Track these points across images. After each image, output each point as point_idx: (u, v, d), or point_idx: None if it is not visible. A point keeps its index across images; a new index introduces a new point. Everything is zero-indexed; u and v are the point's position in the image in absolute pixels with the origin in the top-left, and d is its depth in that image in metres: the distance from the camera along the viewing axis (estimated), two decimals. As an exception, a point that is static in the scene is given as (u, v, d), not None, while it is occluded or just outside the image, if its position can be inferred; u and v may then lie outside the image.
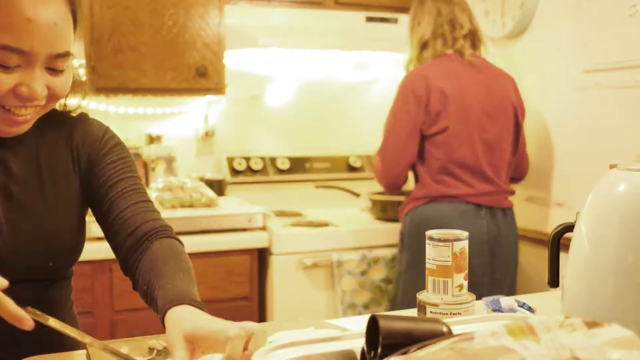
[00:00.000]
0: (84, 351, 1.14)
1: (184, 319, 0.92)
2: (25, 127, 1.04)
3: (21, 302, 0.89)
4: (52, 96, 1.02)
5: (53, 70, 1.00)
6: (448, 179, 2.27)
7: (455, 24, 2.33)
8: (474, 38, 2.36)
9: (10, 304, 0.84)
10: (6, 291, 0.89)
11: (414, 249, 2.30)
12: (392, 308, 2.45)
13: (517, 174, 2.47)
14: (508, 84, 2.36)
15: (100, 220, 1.16)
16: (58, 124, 1.16)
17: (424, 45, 2.35)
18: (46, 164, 1.12)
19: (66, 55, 1.01)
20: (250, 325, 0.88)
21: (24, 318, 0.85)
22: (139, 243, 1.11)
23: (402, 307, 1.86)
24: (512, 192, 2.37)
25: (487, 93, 2.30)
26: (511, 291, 2.31)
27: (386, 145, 2.34)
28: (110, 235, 1.14)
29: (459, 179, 2.26)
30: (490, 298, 1.32)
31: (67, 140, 1.15)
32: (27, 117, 1.01)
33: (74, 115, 1.19)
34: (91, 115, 1.24)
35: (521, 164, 2.45)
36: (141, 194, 1.14)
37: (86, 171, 1.15)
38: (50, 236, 1.10)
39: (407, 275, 2.33)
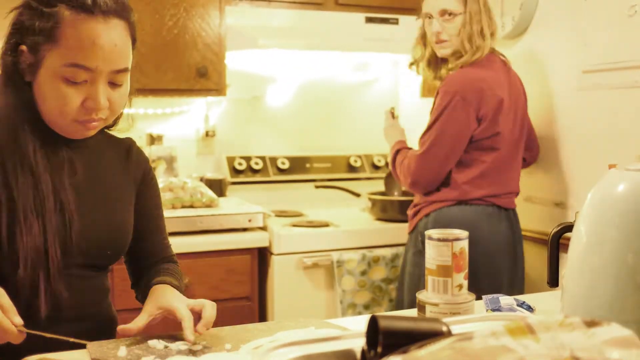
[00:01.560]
0: (85, 351, 1.14)
1: (159, 292, 1.26)
2: (92, 132, 1.23)
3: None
4: (112, 108, 1.20)
5: (113, 84, 1.20)
6: (479, 181, 2.21)
7: (491, 20, 2.25)
8: (494, 37, 2.30)
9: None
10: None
11: None
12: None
13: (530, 157, 2.46)
14: (517, 76, 2.34)
15: (136, 234, 1.38)
16: (114, 142, 1.38)
17: (482, 41, 2.21)
18: (108, 169, 1.33)
19: (125, 70, 1.22)
20: (199, 304, 1.22)
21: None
22: (154, 266, 1.41)
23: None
24: (518, 193, 2.34)
25: (517, 94, 2.28)
26: (521, 293, 2.30)
27: (429, 151, 2.21)
28: (136, 253, 1.40)
29: (492, 181, 2.22)
30: (490, 296, 1.33)
31: (126, 157, 1.37)
32: (95, 125, 1.21)
33: (121, 137, 1.41)
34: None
35: (532, 146, 2.44)
36: (165, 231, 1.47)
37: (137, 190, 1.38)
38: (113, 227, 1.30)
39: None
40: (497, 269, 2.21)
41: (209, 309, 1.20)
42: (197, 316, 1.19)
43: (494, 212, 2.23)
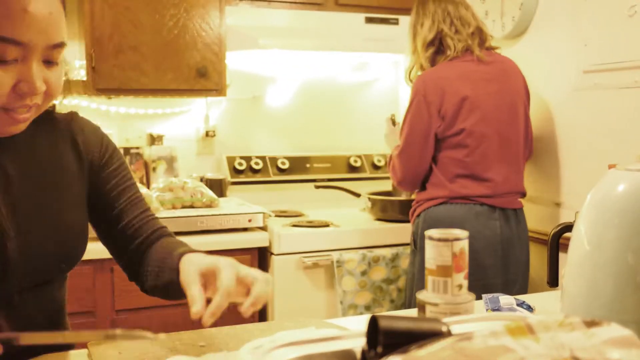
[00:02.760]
0: (85, 351, 1.14)
1: (197, 259, 1.07)
2: (23, 127, 1.01)
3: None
4: (49, 92, 1.00)
5: (49, 63, 0.98)
6: (463, 180, 2.25)
7: (463, 22, 2.31)
8: (481, 34, 2.34)
9: None
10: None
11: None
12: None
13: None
14: (517, 75, 2.35)
15: (106, 222, 1.20)
16: (52, 124, 1.14)
17: (429, 46, 2.31)
18: (49, 165, 1.11)
19: (62, 45, 0.98)
20: (252, 274, 1.04)
21: None
22: (146, 244, 1.21)
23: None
24: (524, 193, 2.35)
25: (500, 90, 2.28)
26: (522, 293, 2.30)
27: (404, 150, 2.32)
28: (118, 238, 1.21)
29: (475, 180, 2.24)
30: (490, 296, 1.32)
31: (71, 142, 1.15)
32: (27, 116, 0.99)
33: (62, 112, 1.18)
34: (92, 115, 1.26)
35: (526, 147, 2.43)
36: (144, 202, 1.24)
37: (91, 175, 1.17)
38: (63, 237, 1.10)
39: (420, 276, 2.31)
40: (483, 269, 2.21)
41: (261, 284, 1.01)
42: (246, 290, 1.00)
43: (484, 211, 2.23)
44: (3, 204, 1.03)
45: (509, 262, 2.27)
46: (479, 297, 1.33)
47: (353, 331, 0.91)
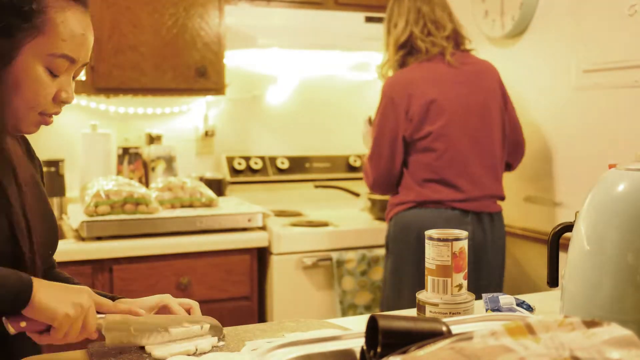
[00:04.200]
0: (84, 351, 1.14)
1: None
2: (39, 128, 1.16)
3: None
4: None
5: (73, 77, 1.15)
6: (433, 184, 2.22)
7: (437, 24, 2.28)
8: (457, 37, 2.31)
9: None
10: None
11: (396, 254, 2.26)
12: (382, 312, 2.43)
13: (512, 159, 2.39)
14: (491, 76, 2.31)
15: None
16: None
17: (400, 48, 2.29)
18: (27, 165, 1.23)
19: (87, 63, 1.18)
20: None
21: None
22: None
23: (389, 311, 1.85)
24: (502, 197, 2.30)
25: (471, 93, 2.25)
26: None
27: (374, 152, 2.30)
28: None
29: (445, 184, 2.21)
30: (489, 295, 1.32)
31: (27, 148, 1.27)
32: (52, 120, 1.15)
33: None
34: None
35: (515, 148, 2.38)
36: None
37: (40, 176, 1.30)
38: (51, 226, 1.23)
39: (391, 280, 2.29)
40: None
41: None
42: None
43: (455, 216, 2.19)
44: (18, 202, 1.13)
45: (481, 267, 2.23)
46: (478, 297, 1.33)
47: (353, 331, 0.91)
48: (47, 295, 1.00)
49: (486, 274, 2.24)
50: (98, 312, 1.08)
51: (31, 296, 0.99)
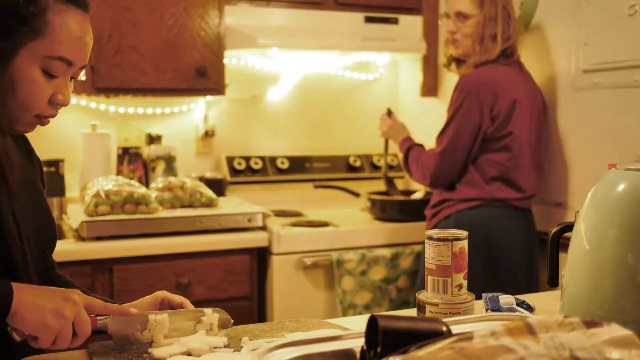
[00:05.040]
0: (84, 350, 1.14)
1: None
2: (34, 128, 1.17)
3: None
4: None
5: (72, 79, 1.16)
6: (499, 184, 2.25)
7: (511, 20, 2.29)
8: (516, 40, 2.34)
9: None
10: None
11: None
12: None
13: None
14: (532, 79, 2.36)
15: None
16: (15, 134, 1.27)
17: (493, 44, 2.26)
18: (23, 166, 1.24)
19: (86, 66, 1.18)
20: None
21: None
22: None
23: None
24: (535, 195, 2.35)
25: (532, 95, 2.30)
26: (536, 290, 2.29)
27: (448, 149, 2.26)
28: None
29: (511, 183, 2.25)
30: (489, 295, 1.32)
31: (27, 151, 1.30)
32: (48, 122, 1.16)
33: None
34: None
35: None
36: None
37: (41, 178, 1.32)
38: (45, 225, 1.25)
39: None
40: (516, 271, 2.22)
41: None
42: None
43: (512, 214, 2.25)
44: (7, 204, 1.14)
45: (533, 263, 2.29)
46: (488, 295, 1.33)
47: (353, 331, 0.91)
48: (28, 305, 1.00)
49: (537, 268, 2.31)
50: (89, 314, 1.07)
51: (10, 307, 0.99)
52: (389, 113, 2.66)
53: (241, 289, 2.53)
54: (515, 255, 2.23)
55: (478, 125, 2.22)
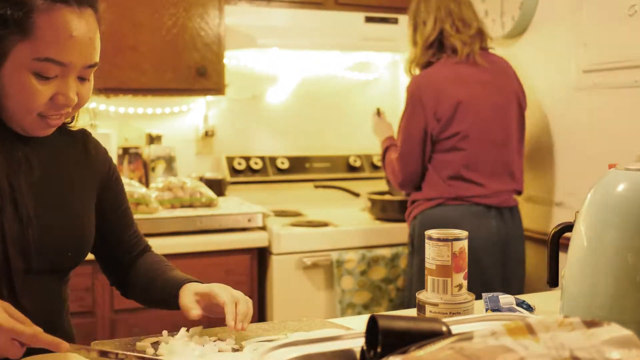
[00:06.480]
0: (84, 350, 1.14)
1: (195, 286, 1.28)
2: (52, 130, 1.16)
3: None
4: (79, 103, 1.14)
5: (82, 79, 1.13)
6: (458, 182, 2.26)
7: (465, 22, 2.30)
8: (481, 36, 2.34)
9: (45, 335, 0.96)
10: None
11: (424, 251, 2.28)
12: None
13: None
14: (512, 75, 2.36)
15: (101, 236, 1.30)
16: (69, 134, 1.27)
17: (429, 47, 2.30)
18: (65, 166, 1.23)
19: (95, 65, 1.15)
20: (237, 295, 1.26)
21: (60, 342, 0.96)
22: (134, 259, 1.38)
23: None
24: (520, 191, 2.35)
25: (496, 92, 2.29)
26: (519, 292, 2.30)
27: (404, 152, 2.32)
28: (110, 250, 1.35)
29: (470, 181, 2.25)
30: (489, 295, 1.32)
31: (84, 151, 1.28)
32: (58, 122, 1.14)
33: (75, 128, 1.29)
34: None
35: None
36: (134, 221, 1.40)
37: (100, 186, 1.29)
38: (74, 228, 1.21)
39: (420, 279, 2.30)
40: (483, 269, 2.21)
41: (243, 304, 1.23)
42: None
43: (479, 211, 2.24)
44: (28, 193, 1.13)
45: (507, 260, 2.28)
46: (479, 297, 1.33)
47: (353, 331, 0.91)
48: None
49: (510, 268, 2.29)
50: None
51: None
52: (378, 113, 2.68)
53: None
54: (481, 253, 2.22)
55: (424, 127, 2.26)
